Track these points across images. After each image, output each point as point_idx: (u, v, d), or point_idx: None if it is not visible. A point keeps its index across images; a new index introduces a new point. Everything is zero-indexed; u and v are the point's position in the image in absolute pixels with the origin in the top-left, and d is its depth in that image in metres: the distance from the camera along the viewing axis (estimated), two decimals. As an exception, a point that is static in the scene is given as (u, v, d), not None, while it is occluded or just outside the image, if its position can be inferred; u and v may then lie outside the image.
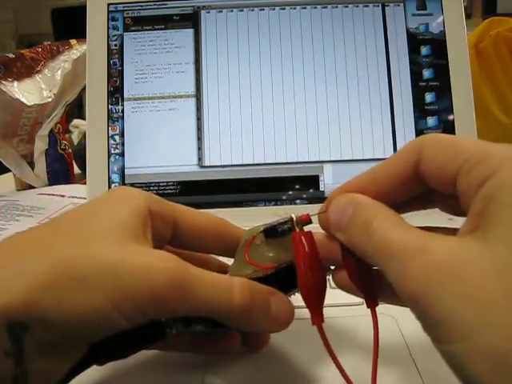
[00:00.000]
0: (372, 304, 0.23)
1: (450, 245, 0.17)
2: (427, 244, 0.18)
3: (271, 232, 0.25)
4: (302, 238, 0.23)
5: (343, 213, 0.22)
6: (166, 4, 0.49)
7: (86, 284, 0.20)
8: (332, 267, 0.25)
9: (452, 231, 0.22)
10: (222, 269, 0.28)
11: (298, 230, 0.24)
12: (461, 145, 0.19)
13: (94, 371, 0.23)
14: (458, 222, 0.21)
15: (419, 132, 0.46)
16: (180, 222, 0.26)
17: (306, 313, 0.24)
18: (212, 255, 0.29)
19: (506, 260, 0.16)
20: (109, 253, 0.21)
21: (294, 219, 0.24)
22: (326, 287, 0.24)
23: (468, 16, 2.35)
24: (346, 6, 0.48)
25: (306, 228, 0.24)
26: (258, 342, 0.28)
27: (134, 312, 0.20)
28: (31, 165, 0.63)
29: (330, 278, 0.25)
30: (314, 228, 0.24)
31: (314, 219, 0.24)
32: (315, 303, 0.23)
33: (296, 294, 0.25)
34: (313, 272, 0.23)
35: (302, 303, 0.24)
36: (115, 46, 0.48)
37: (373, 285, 0.23)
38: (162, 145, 0.47)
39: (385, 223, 0.20)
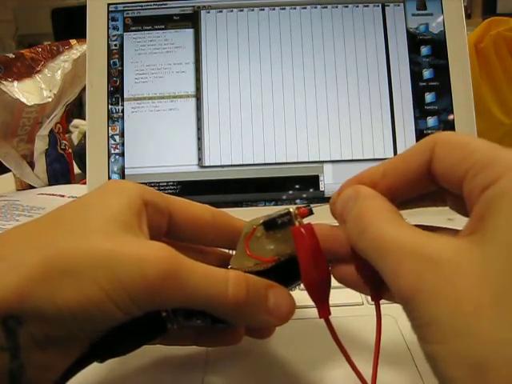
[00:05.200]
0: (377, 297, 0.23)
1: (446, 247, 0.17)
2: (424, 244, 0.18)
3: (271, 224, 0.24)
4: (303, 231, 0.23)
5: (346, 204, 0.22)
6: (166, 4, 0.49)
7: (78, 275, 0.20)
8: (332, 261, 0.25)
9: (449, 232, 0.22)
10: (224, 261, 0.28)
11: (297, 223, 0.23)
12: (471, 147, 0.19)
13: (93, 370, 0.23)
14: (456, 222, 0.21)
15: (419, 132, 0.46)
16: (175, 212, 0.26)
17: (307, 313, 0.23)
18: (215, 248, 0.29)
19: (498, 267, 0.16)
20: (101, 244, 0.21)
21: (293, 213, 0.24)
22: (330, 279, 0.23)
23: (468, 16, 2.35)
24: (346, 6, 0.48)
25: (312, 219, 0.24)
26: (264, 330, 0.27)
27: (127, 303, 0.20)
28: (31, 165, 0.63)
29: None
30: (315, 221, 0.24)
31: (316, 210, 0.24)
32: (321, 297, 0.23)
33: (300, 286, 0.25)
34: (316, 266, 0.22)
35: (304, 303, 0.23)
36: (115, 45, 0.48)
37: (379, 278, 0.23)
38: (162, 145, 0.47)
39: (379, 217, 0.20)
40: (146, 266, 0.20)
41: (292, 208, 0.24)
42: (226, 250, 0.29)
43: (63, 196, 0.58)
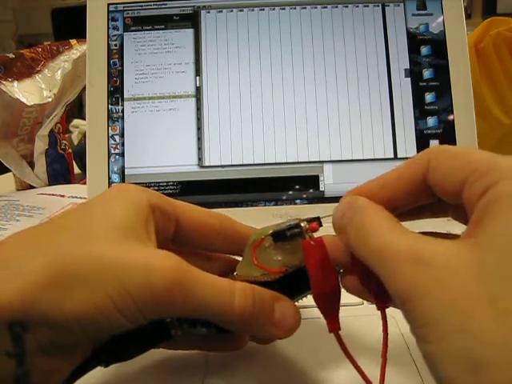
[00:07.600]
0: (382, 306, 0.23)
1: (442, 250, 0.18)
2: (420, 248, 0.18)
3: (280, 236, 0.24)
4: (314, 246, 0.23)
5: (344, 214, 0.22)
6: (166, 4, 0.49)
7: (85, 282, 0.20)
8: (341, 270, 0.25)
9: (449, 237, 0.22)
10: (230, 267, 0.28)
11: (307, 238, 0.23)
12: (470, 156, 0.19)
13: (93, 371, 0.23)
14: (456, 222, 0.21)
15: (419, 132, 0.46)
16: (181, 217, 0.26)
17: (309, 312, 0.23)
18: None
19: (493, 269, 0.16)
20: (108, 251, 0.21)
21: (303, 227, 0.24)
22: (340, 293, 0.23)
23: (468, 16, 2.35)
24: (346, 6, 0.48)
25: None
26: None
27: (133, 311, 0.20)
28: (31, 165, 0.63)
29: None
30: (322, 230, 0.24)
31: (323, 221, 0.24)
32: (331, 311, 0.23)
33: (305, 298, 0.25)
34: (326, 281, 0.22)
35: (306, 303, 0.23)
36: (115, 45, 0.48)
37: (382, 286, 0.23)
38: (162, 145, 0.47)
39: (379, 226, 0.20)
40: (153, 274, 0.20)
41: (303, 222, 0.24)
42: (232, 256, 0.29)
43: (63, 196, 0.58)
